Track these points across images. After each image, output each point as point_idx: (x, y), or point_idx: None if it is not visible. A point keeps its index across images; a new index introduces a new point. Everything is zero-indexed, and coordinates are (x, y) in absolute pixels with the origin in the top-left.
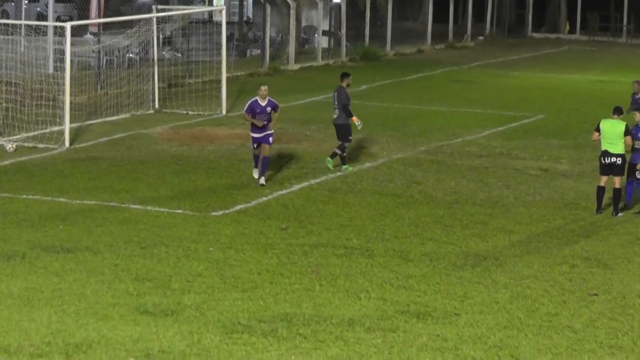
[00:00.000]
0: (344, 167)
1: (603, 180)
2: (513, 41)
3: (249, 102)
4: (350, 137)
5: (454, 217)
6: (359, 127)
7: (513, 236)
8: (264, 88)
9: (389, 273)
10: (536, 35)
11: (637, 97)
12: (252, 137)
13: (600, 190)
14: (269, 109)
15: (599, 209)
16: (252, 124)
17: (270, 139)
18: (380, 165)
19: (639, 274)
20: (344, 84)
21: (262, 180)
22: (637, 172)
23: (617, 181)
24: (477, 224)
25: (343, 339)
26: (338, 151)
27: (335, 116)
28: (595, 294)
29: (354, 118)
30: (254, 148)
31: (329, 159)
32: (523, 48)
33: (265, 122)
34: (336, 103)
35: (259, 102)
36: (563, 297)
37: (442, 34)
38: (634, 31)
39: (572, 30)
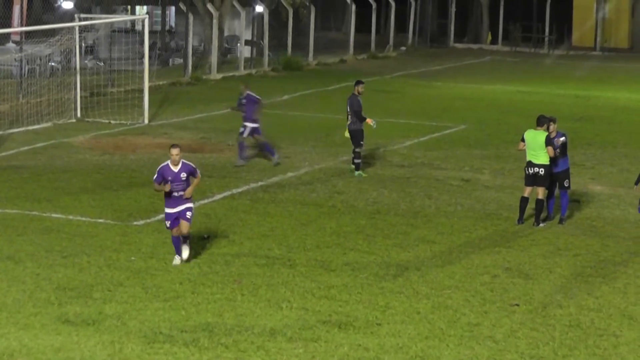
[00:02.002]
0: (357, 173)
1: (527, 190)
2: (435, 51)
3: (159, 168)
4: (362, 142)
5: (375, 227)
6: (374, 127)
7: (435, 246)
8: (175, 152)
9: (311, 283)
10: (458, 45)
11: None
12: (166, 214)
13: (524, 201)
14: (183, 175)
15: (521, 219)
16: (165, 195)
17: (189, 213)
18: (302, 174)
19: (560, 284)
20: (356, 92)
21: (185, 255)
22: (565, 182)
23: (540, 192)
24: (399, 234)
25: (265, 348)
26: (357, 160)
27: (348, 122)
28: (517, 304)
29: (368, 120)
30: (167, 227)
31: (357, 172)
32: (445, 58)
33: (181, 193)
34: (348, 109)
35: (171, 167)
36: (484, 307)
37: (364, 43)
38: (555, 42)
39: (494, 41)
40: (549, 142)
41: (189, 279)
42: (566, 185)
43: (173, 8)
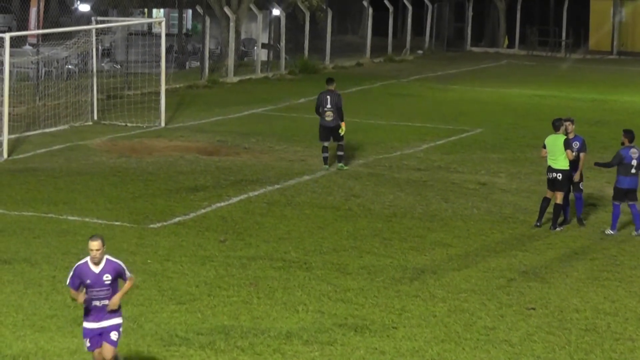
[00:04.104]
0: (339, 165)
1: (549, 192)
2: (452, 55)
3: (75, 267)
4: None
5: (392, 231)
6: (342, 133)
7: (451, 250)
8: (95, 245)
9: (327, 286)
10: (475, 49)
11: None
12: (84, 329)
13: (545, 201)
14: (107, 277)
15: (539, 220)
16: (85, 302)
17: (114, 334)
18: (319, 178)
19: (576, 287)
20: (333, 87)
21: None
22: (580, 184)
23: (559, 196)
24: (415, 238)
25: (281, 351)
26: (342, 153)
27: (329, 119)
28: (533, 308)
29: (343, 124)
30: (87, 348)
31: (340, 164)
32: (462, 62)
33: (105, 302)
34: (329, 106)
35: (90, 267)
36: (500, 311)
37: (381, 47)
38: (572, 46)
39: (511, 45)
40: (567, 145)
41: (205, 281)
42: (581, 188)
43: (190, 11)
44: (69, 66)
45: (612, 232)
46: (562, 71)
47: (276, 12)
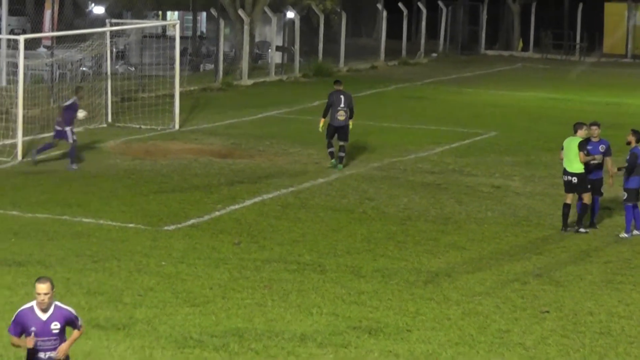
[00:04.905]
0: (339, 165)
1: (568, 197)
2: (466, 58)
3: (18, 313)
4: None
5: (406, 234)
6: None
7: (465, 253)
8: (43, 288)
9: (341, 289)
10: (489, 52)
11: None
12: None
13: (566, 207)
14: (56, 325)
15: (565, 226)
16: (28, 354)
17: None
18: (333, 181)
19: (590, 291)
20: (342, 87)
21: None
22: (601, 188)
23: (585, 197)
24: (429, 241)
25: (295, 354)
26: (343, 154)
27: (342, 118)
28: (547, 311)
29: (350, 122)
30: None
31: (340, 165)
32: (476, 65)
33: (51, 355)
34: (343, 105)
35: (36, 313)
36: (515, 314)
37: (395, 50)
38: (586, 49)
39: (525, 48)
40: (581, 147)
41: (219, 284)
42: (602, 192)
43: (204, 14)
44: (83, 68)
45: (626, 236)
46: (576, 74)
47: (290, 15)
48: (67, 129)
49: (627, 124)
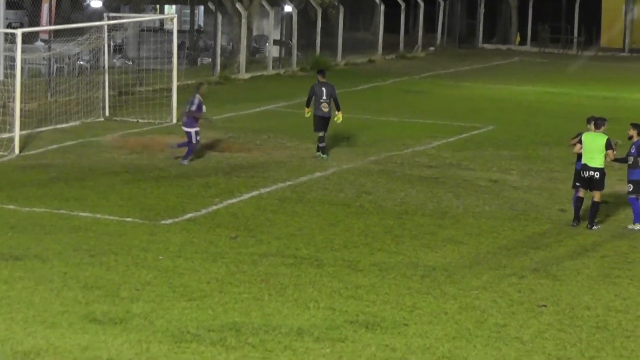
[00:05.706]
0: (324, 155)
1: (581, 191)
2: (464, 52)
3: None
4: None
5: (403, 228)
6: (339, 121)
7: (462, 247)
8: None
9: (338, 283)
10: (487, 46)
11: None
12: None
13: (579, 201)
14: None
15: (576, 219)
16: None
17: None
18: (330, 175)
19: (587, 285)
20: (324, 79)
21: None
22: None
23: (597, 195)
24: (427, 235)
25: (292, 348)
26: (323, 144)
27: (326, 109)
28: (544, 305)
29: (339, 113)
30: None
31: (323, 155)
32: (474, 59)
33: None
34: (325, 97)
35: None
36: (512, 308)
37: (393, 44)
38: (584, 43)
39: (522, 42)
40: (609, 145)
41: (216, 278)
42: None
43: (202, 7)
44: (81, 62)
45: (636, 227)
46: (574, 68)
47: (288, 8)
48: (192, 130)
49: (625, 118)
